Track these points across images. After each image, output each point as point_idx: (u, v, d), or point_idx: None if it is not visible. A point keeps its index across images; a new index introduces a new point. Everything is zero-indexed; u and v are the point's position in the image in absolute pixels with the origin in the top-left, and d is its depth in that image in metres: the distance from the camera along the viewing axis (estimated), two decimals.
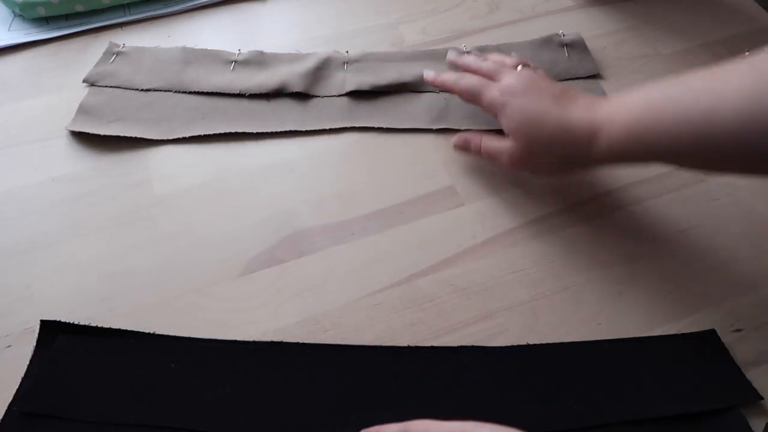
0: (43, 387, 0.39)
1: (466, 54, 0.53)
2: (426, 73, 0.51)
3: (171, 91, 0.56)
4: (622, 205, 0.49)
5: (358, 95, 0.56)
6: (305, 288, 0.45)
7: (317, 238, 0.47)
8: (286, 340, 0.42)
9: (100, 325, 0.42)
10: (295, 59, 0.58)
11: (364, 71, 0.57)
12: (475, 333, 0.42)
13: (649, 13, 0.64)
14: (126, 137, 0.52)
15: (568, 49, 0.59)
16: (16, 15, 0.62)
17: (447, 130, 0.54)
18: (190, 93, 0.56)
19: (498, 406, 0.39)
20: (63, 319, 0.42)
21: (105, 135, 0.52)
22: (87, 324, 0.42)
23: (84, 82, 0.56)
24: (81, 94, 0.55)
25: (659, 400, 0.39)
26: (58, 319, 0.42)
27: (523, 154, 0.44)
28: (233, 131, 0.53)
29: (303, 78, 0.56)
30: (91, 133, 0.52)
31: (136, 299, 0.44)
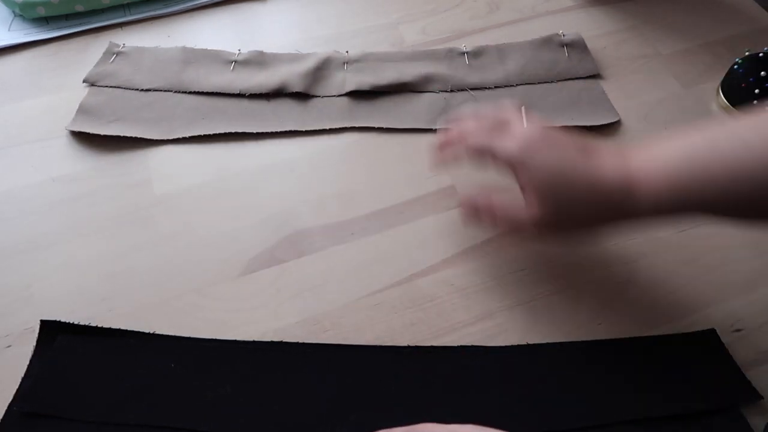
0: (43, 387, 0.39)
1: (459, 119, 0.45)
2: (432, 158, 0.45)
3: (171, 91, 0.56)
4: None
5: (358, 95, 0.56)
6: (305, 288, 0.45)
7: (317, 238, 0.47)
8: (286, 340, 0.42)
9: (100, 325, 0.42)
10: (295, 59, 0.58)
11: (364, 71, 0.57)
12: (475, 333, 0.42)
13: (649, 13, 0.64)
14: (126, 137, 0.52)
15: (568, 49, 0.59)
16: (16, 15, 0.62)
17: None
18: (190, 93, 0.56)
19: (498, 405, 0.39)
20: (63, 319, 0.42)
21: (105, 135, 0.52)
22: (87, 324, 0.42)
23: (84, 82, 0.56)
24: (81, 94, 0.55)
25: (659, 399, 0.39)
26: (58, 319, 0.42)
27: (552, 218, 0.38)
28: (233, 131, 0.53)
29: (303, 78, 0.56)
30: (91, 133, 0.52)
31: (136, 299, 0.44)
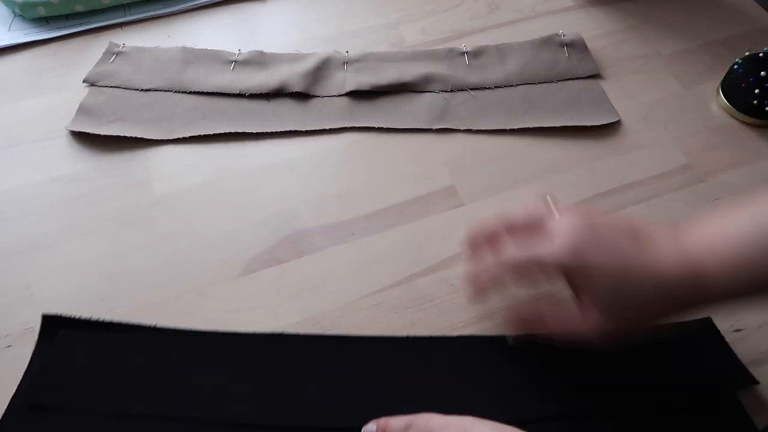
0: (45, 379, 0.39)
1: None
2: (467, 295, 0.41)
3: (171, 91, 0.56)
4: (622, 205, 0.49)
5: (358, 95, 0.56)
6: (305, 288, 0.45)
7: (317, 238, 0.47)
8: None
9: (101, 319, 0.42)
10: (295, 59, 0.58)
11: (364, 71, 0.57)
12: (475, 333, 0.42)
13: (649, 13, 0.64)
14: (126, 137, 0.52)
15: (568, 49, 0.59)
16: (16, 15, 0.63)
17: (447, 130, 0.54)
18: (190, 93, 0.56)
19: (495, 395, 0.39)
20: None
21: (105, 135, 0.52)
22: (88, 318, 0.42)
23: (84, 82, 0.56)
24: (81, 94, 0.55)
25: (655, 386, 0.39)
26: (59, 313, 0.42)
27: (618, 324, 0.35)
28: (233, 131, 0.53)
29: (303, 78, 0.56)
30: (91, 133, 0.52)
31: (136, 299, 0.44)
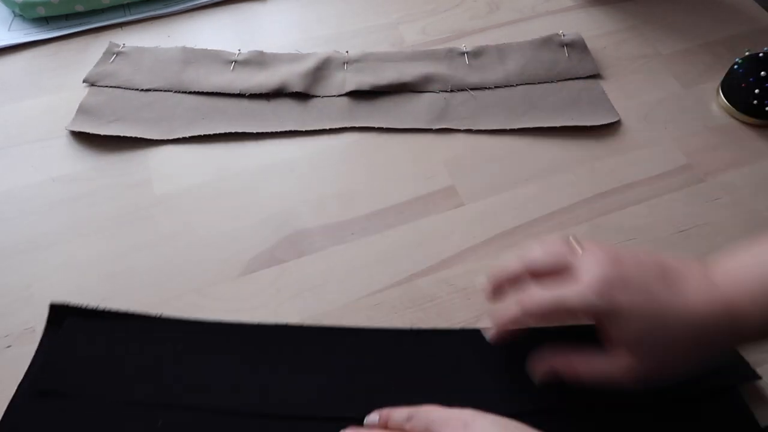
0: (52, 366, 0.40)
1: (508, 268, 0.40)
2: (485, 333, 0.40)
3: (171, 91, 0.56)
4: (622, 205, 0.49)
5: (358, 95, 0.56)
6: (305, 288, 0.45)
7: (317, 238, 0.47)
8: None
9: (108, 308, 0.42)
10: (295, 59, 0.58)
11: (364, 71, 0.57)
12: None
13: (649, 13, 0.64)
14: (126, 137, 0.52)
15: (568, 49, 0.59)
16: (16, 15, 0.63)
17: (447, 130, 0.54)
18: (190, 93, 0.56)
19: (498, 386, 0.39)
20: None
21: (105, 135, 0.52)
22: (95, 307, 0.42)
23: (84, 82, 0.56)
24: (81, 94, 0.55)
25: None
26: (67, 302, 0.42)
27: (650, 368, 0.35)
28: (233, 131, 0.53)
29: (303, 78, 0.56)
30: (91, 133, 0.52)
31: (136, 299, 0.44)
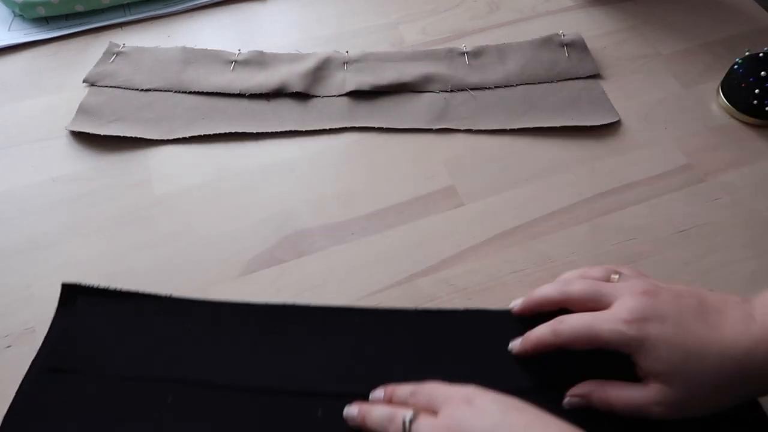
0: (65, 343, 0.40)
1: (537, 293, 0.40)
2: (513, 344, 0.40)
3: (171, 91, 0.56)
4: (622, 205, 0.49)
5: (358, 95, 0.56)
6: (305, 288, 0.45)
7: (317, 238, 0.47)
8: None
9: (118, 288, 0.43)
10: (295, 59, 0.58)
11: (364, 71, 0.57)
12: None
13: (649, 13, 0.64)
14: (126, 137, 0.52)
15: (568, 49, 0.59)
16: (16, 15, 0.63)
17: (447, 130, 0.54)
18: (190, 93, 0.56)
19: (500, 363, 0.39)
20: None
21: (105, 135, 0.52)
22: (106, 287, 0.43)
23: (84, 82, 0.56)
24: (81, 94, 0.55)
25: None
26: (78, 282, 0.43)
27: (683, 401, 0.34)
28: (233, 131, 0.53)
29: (303, 78, 0.56)
30: (91, 133, 0.52)
31: None
